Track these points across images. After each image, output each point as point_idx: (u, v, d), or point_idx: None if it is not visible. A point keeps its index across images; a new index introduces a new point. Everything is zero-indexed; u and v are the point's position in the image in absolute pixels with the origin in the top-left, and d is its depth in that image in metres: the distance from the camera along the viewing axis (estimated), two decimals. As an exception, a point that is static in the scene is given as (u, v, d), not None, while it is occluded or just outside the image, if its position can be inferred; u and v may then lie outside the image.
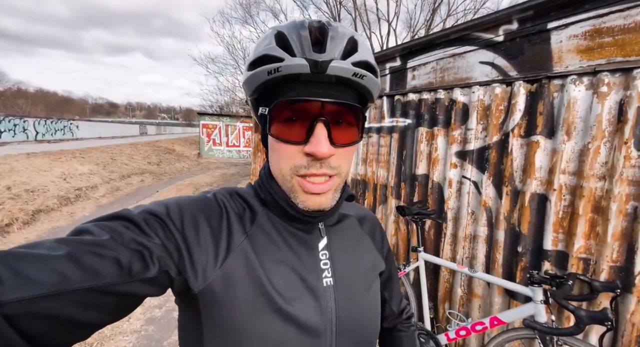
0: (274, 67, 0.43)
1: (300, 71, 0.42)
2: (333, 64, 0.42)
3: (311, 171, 0.45)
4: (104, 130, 24.07)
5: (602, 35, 1.44)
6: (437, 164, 2.19)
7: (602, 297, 1.45)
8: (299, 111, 0.44)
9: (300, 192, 0.47)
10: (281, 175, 0.48)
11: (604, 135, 1.46)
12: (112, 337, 2.43)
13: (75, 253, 0.34)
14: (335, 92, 0.44)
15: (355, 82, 0.45)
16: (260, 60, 0.44)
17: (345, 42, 0.44)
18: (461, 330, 1.68)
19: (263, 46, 0.45)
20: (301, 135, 0.44)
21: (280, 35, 0.44)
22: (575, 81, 1.53)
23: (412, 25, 15.60)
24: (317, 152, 0.43)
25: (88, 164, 9.18)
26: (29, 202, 5.56)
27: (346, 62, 0.43)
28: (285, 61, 0.42)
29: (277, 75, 0.43)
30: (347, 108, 0.45)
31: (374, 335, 0.57)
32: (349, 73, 0.43)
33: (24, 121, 15.64)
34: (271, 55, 0.43)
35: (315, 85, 0.44)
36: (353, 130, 0.47)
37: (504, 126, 1.82)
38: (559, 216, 1.61)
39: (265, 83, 0.45)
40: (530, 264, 1.74)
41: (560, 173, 1.59)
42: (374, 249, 0.63)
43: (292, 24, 0.46)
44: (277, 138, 0.46)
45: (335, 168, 0.46)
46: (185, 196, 0.52)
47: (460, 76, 2.03)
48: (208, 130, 16.03)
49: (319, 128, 0.43)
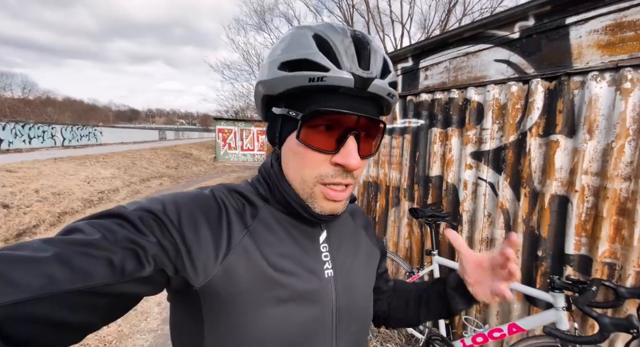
0: (318, 76, 0.42)
1: (344, 84, 0.43)
2: (375, 82, 0.44)
3: (337, 180, 0.46)
4: (125, 136, 25.01)
5: (624, 29, 1.37)
6: (451, 165, 2.14)
7: (629, 304, 1.37)
8: (333, 121, 0.45)
9: (321, 198, 0.48)
10: (301, 180, 0.48)
11: (629, 133, 1.39)
12: (130, 336, 2.50)
13: (63, 254, 0.33)
14: (367, 107, 0.46)
15: (385, 100, 0.48)
16: (298, 63, 0.43)
17: (382, 59, 0.46)
18: (478, 337, 1.63)
19: (302, 48, 0.44)
20: (332, 145, 0.45)
21: (320, 39, 0.44)
22: (597, 77, 1.47)
23: (427, 26, 15.44)
24: (348, 164, 0.45)
25: (110, 168, 9.55)
26: (56, 204, 5.84)
27: (384, 81, 0.45)
28: (330, 72, 0.42)
29: (319, 84, 0.43)
30: (373, 122, 0.47)
31: (368, 323, 0.62)
32: (385, 92, 0.46)
33: (52, 128, 16.48)
34: (316, 62, 0.42)
35: (352, 99, 0.45)
36: (374, 143, 0.50)
37: (521, 125, 1.77)
38: (581, 218, 1.54)
39: (300, 88, 0.44)
40: (551, 268, 1.66)
41: (583, 174, 1.52)
42: (368, 241, 0.65)
43: (330, 28, 0.45)
44: (306, 144, 0.45)
45: (355, 178, 0.48)
46: (182, 192, 0.51)
47: (474, 75, 1.98)
48: (224, 134, 16.37)
49: (351, 141, 0.45)
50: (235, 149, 16.55)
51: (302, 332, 0.48)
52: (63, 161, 9.55)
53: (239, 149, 16.56)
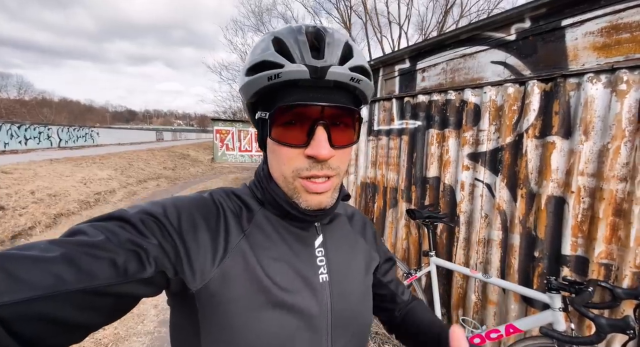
0: (274, 73, 0.43)
1: (300, 77, 0.43)
2: (332, 69, 0.44)
3: (313, 173, 0.46)
4: (122, 137, 24.89)
5: (620, 31, 1.38)
6: (448, 166, 2.14)
7: (625, 305, 1.37)
8: (299, 115, 0.45)
9: (303, 192, 0.48)
10: (283, 177, 0.49)
11: (624, 134, 1.40)
12: (126, 338, 2.48)
13: (69, 254, 0.34)
14: (333, 96, 0.46)
15: (352, 86, 0.47)
16: (259, 66, 0.45)
17: (341, 47, 0.46)
18: (475, 337, 1.63)
19: (261, 51, 0.46)
20: (301, 138, 0.45)
21: (277, 40, 0.45)
22: (592, 79, 1.48)
23: (424, 28, 15.51)
24: (318, 155, 0.44)
25: (107, 169, 9.50)
26: (51, 206, 5.79)
27: (343, 67, 0.45)
28: (285, 67, 0.43)
29: (277, 81, 0.44)
30: (344, 111, 0.47)
31: (367, 328, 0.59)
32: (347, 78, 0.45)
33: (48, 129, 16.37)
34: (271, 61, 0.44)
35: (314, 90, 0.45)
36: (350, 132, 0.49)
37: (518, 127, 1.77)
38: (577, 219, 1.55)
39: (264, 88, 0.46)
40: (547, 269, 1.67)
41: (579, 175, 1.53)
42: (365, 246, 0.64)
43: (288, 29, 0.47)
44: (277, 142, 0.46)
45: (335, 169, 0.48)
46: (182, 195, 0.52)
47: (471, 77, 1.99)
48: (221, 135, 16.34)
49: (319, 131, 0.45)
50: (233, 150, 16.51)
51: (296, 337, 0.48)
52: (59, 162, 9.48)
53: (237, 150, 16.52)
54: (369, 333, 0.60)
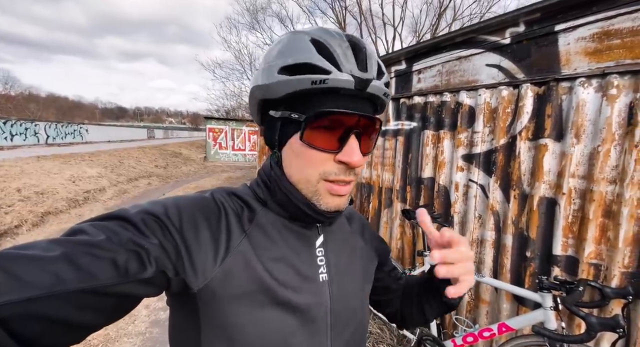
0: (320, 79, 0.43)
1: (344, 86, 0.44)
2: (373, 83, 0.46)
3: (341, 178, 0.48)
4: (112, 134, 24.44)
5: (611, 37, 1.42)
6: (443, 167, 2.17)
7: (614, 304, 1.41)
8: (336, 122, 0.46)
9: (326, 195, 0.49)
10: (305, 179, 0.49)
11: (614, 138, 1.43)
12: (117, 339, 2.44)
13: (70, 254, 0.34)
14: (366, 106, 0.49)
15: (380, 99, 0.50)
16: (300, 67, 0.44)
17: (377, 62, 0.48)
18: (468, 336, 1.65)
19: (301, 52, 0.45)
20: (334, 144, 0.47)
21: (317, 43, 0.45)
22: (584, 83, 1.51)
23: (418, 30, 15.64)
24: (352, 162, 0.46)
25: (97, 167, 9.32)
26: (39, 204, 5.65)
27: (381, 82, 0.48)
28: (332, 74, 0.43)
29: (321, 87, 0.44)
30: (373, 121, 0.49)
31: (365, 327, 0.61)
32: (381, 92, 0.48)
33: (35, 125, 15.96)
34: (317, 65, 0.44)
35: (352, 100, 0.47)
36: (372, 141, 0.52)
37: (511, 129, 1.80)
38: (568, 220, 1.58)
39: (303, 91, 0.45)
40: (539, 269, 1.70)
41: (570, 177, 1.57)
42: (364, 246, 0.65)
43: (327, 33, 0.47)
44: (310, 145, 0.47)
45: (357, 174, 0.51)
46: (183, 195, 0.52)
47: (466, 79, 2.02)
48: (214, 134, 16.19)
49: (353, 139, 0.47)
50: (226, 149, 16.39)
51: (297, 335, 0.48)
52: (47, 159, 9.26)
53: (230, 149, 16.40)
54: (367, 332, 0.62)
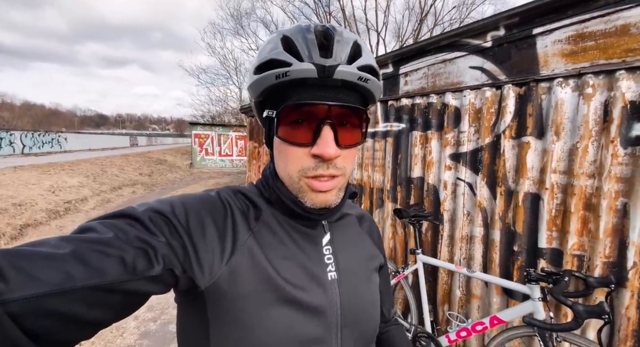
0: (282, 72, 0.43)
1: (307, 75, 0.43)
2: (340, 68, 0.43)
3: (319, 172, 0.46)
4: (93, 142, 23.73)
5: (585, 39, 1.51)
6: (431, 166, 2.22)
7: (598, 292, 1.48)
8: (306, 114, 0.45)
9: (309, 191, 0.48)
10: (288, 177, 0.49)
11: (591, 134, 1.51)
12: (105, 353, 2.36)
13: (80, 251, 0.35)
14: (340, 95, 0.46)
15: (359, 86, 0.47)
16: (267, 65, 0.45)
17: (350, 46, 0.46)
18: (462, 331, 1.69)
19: (269, 50, 0.46)
20: (308, 137, 0.45)
21: (286, 39, 0.45)
22: (562, 83, 1.59)
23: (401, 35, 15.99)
24: (324, 154, 0.44)
25: (77, 177, 9.01)
26: (17, 216, 5.41)
27: (352, 66, 0.45)
28: (293, 66, 0.43)
29: (285, 80, 0.44)
30: (351, 110, 0.47)
31: (375, 328, 0.58)
32: (355, 77, 0.45)
33: (11, 134, 15.33)
34: (279, 59, 0.44)
35: (321, 89, 0.45)
36: (357, 132, 0.49)
37: (496, 128, 1.87)
38: (552, 214, 1.65)
39: (272, 86, 0.46)
40: (526, 262, 1.76)
41: (552, 172, 1.64)
42: (373, 246, 0.65)
43: (297, 28, 0.47)
44: (284, 140, 0.47)
45: (340, 168, 0.48)
46: (189, 194, 0.52)
47: (451, 81, 2.08)
48: (200, 140, 15.95)
49: (326, 130, 0.45)
50: (212, 155, 16.16)
51: (306, 334, 0.48)
52: (24, 170, 8.89)
53: (217, 155, 16.18)
54: (376, 331, 0.59)
